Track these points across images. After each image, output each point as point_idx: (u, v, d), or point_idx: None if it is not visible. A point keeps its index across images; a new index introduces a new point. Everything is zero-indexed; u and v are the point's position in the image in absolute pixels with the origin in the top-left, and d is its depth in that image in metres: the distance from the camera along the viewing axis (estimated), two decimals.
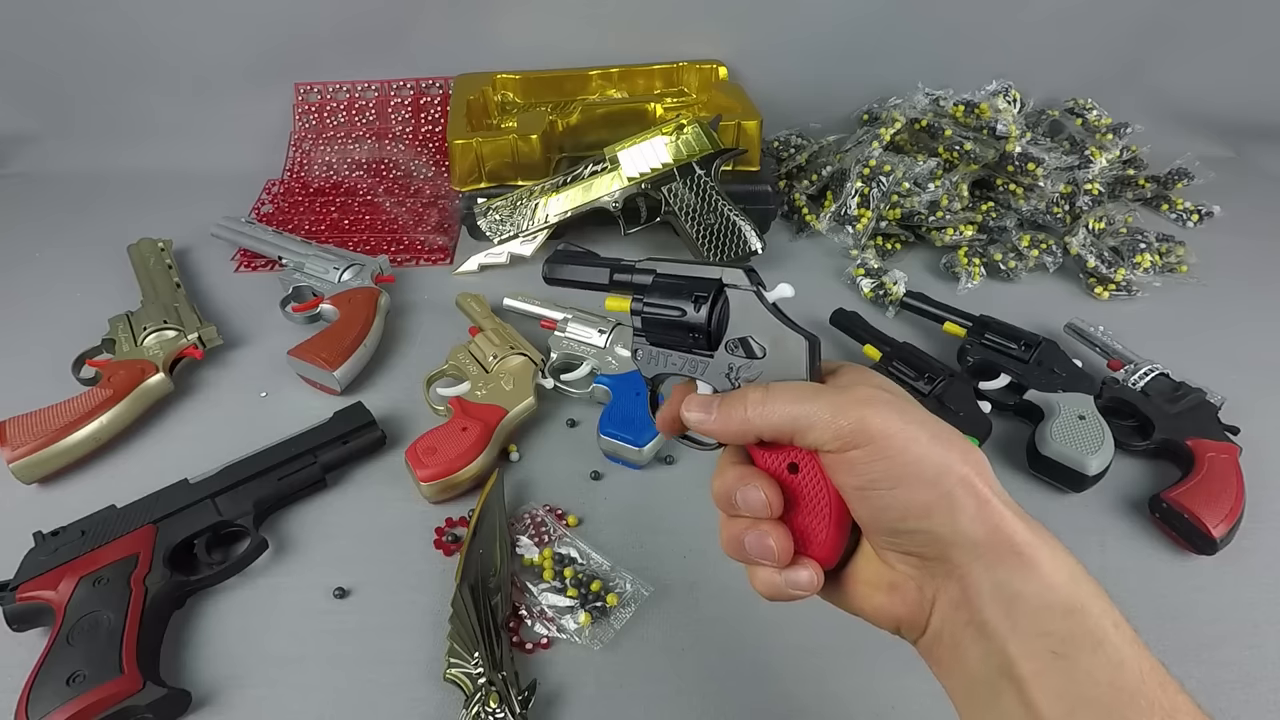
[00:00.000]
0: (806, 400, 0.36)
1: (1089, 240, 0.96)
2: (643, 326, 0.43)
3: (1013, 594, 0.32)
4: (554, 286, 0.47)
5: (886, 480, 0.34)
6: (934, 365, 0.76)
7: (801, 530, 0.38)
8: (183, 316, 0.83)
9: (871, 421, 0.34)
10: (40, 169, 1.21)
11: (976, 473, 0.34)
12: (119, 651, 0.52)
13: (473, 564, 0.60)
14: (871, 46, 1.15)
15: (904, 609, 0.36)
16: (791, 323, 0.39)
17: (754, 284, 0.40)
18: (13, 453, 0.67)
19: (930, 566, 0.34)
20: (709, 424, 0.39)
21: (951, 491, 0.33)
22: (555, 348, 0.80)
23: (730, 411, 0.38)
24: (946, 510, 0.33)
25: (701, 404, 0.40)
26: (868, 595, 0.38)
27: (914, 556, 0.35)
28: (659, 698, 0.54)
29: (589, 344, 0.79)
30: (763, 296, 0.40)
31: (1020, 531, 0.33)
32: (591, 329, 0.80)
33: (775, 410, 0.36)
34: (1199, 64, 1.20)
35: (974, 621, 0.33)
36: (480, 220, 0.96)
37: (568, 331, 0.80)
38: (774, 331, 0.39)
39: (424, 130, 1.18)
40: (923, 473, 0.33)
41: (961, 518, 0.33)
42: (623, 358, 0.77)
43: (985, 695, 0.33)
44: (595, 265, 0.45)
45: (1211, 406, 0.72)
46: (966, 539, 0.33)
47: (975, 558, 0.33)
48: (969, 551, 0.33)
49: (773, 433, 0.37)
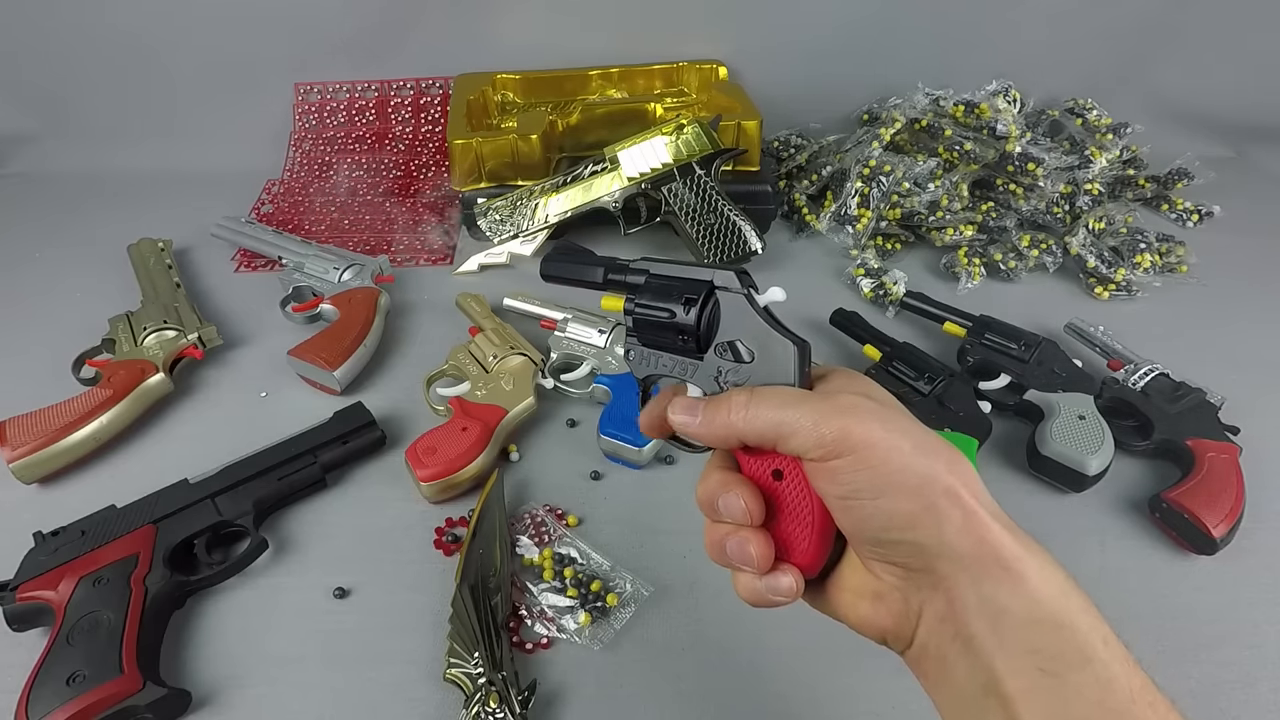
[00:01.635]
0: (790, 406, 0.35)
1: (1089, 240, 0.96)
2: (634, 327, 0.43)
3: (999, 608, 0.31)
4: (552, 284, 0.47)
5: (869, 490, 0.33)
6: (934, 365, 0.76)
7: (784, 537, 0.38)
8: (183, 316, 0.83)
9: (854, 430, 0.33)
10: (40, 169, 1.21)
11: (963, 483, 0.33)
12: (119, 651, 0.52)
13: (473, 564, 0.60)
14: (871, 46, 1.16)
15: (889, 620, 0.35)
16: (782, 327, 0.39)
17: (745, 286, 0.39)
18: (13, 453, 0.67)
19: (916, 578, 0.34)
20: (693, 427, 0.39)
21: (936, 503, 0.32)
22: (555, 348, 0.80)
23: (715, 415, 0.38)
24: (931, 522, 0.32)
25: (687, 406, 0.39)
26: (853, 604, 0.37)
27: (899, 567, 0.34)
28: (659, 698, 0.54)
29: (589, 344, 0.79)
30: (753, 300, 0.39)
31: (1007, 544, 0.32)
32: (591, 329, 0.80)
33: (758, 415, 0.36)
34: (1199, 64, 1.20)
35: (960, 636, 0.32)
36: (480, 220, 0.96)
37: (568, 331, 0.80)
38: (763, 336, 0.38)
39: (424, 130, 1.18)
40: (906, 483, 0.33)
41: (947, 529, 0.32)
42: (622, 357, 0.77)
43: (972, 712, 0.32)
44: (590, 264, 0.45)
45: (1211, 406, 0.72)
46: (952, 551, 0.32)
47: (961, 570, 0.32)
48: (955, 564, 0.32)
49: (756, 438, 0.36)
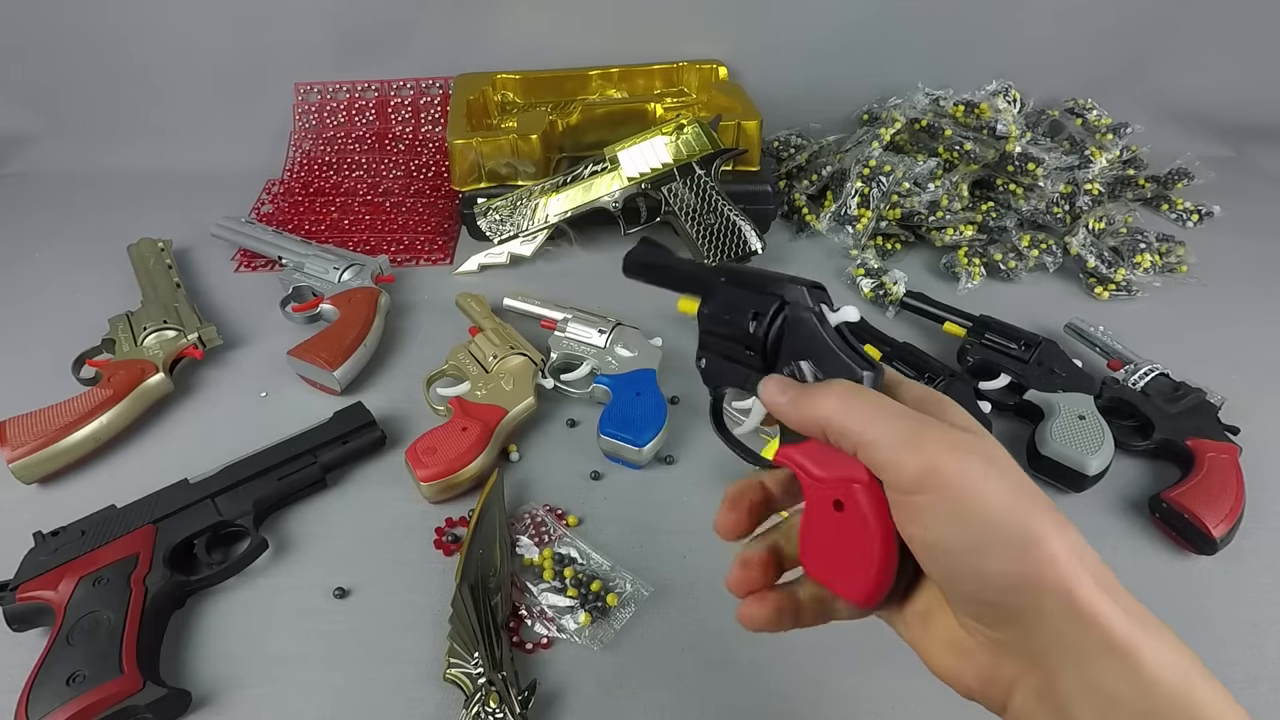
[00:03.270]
0: (887, 416, 0.32)
1: (1089, 240, 0.96)
2: (705, 334, 0.42)
3: (1108, 696, 0.27)
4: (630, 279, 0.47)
5: (959, 539, 0.30)
6: (934, 365, 0.76)
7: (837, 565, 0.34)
8: (183, 316, 0.82)
9: (948, 465, 0.30)
10: (40, 169, 1.21)
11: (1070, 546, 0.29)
12: (119, 651, 0.52)
13: (473, 564, 0.60)
14: (871, 46, 1.15)
15: (977, 682, 0.32)
16: (853, 350, 0.37)
17: (816, 303, 0.38)
18: (13, 453, 0.67)
19: (1009, 646, 0.30)
20: (781, 404, 0.36)
21: (1041, 570, 0.28)
22: (555, 348, 0.80)
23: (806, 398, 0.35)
24: (1032, 590, 0.28)
25: (781, 384, 0.37)
26: (935, 652, 0.33)
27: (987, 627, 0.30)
28: (659, 698, 0.54)
29: (589, 344, 0.79)
30: (824, 318, 0.38)
31: (1118, 623, 0.28)
32: (591, 329, 0.80)
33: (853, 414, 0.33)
34: (1199, 64, 1.20)
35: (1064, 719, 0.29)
36: (480, 220, 0.96)
37: (567, 331, 0.80)
38: (830, 360, 0.37)
39: (424, 130, 1.18)
40: (1005, 538, 0.29)
41: (1048, 600, 0.28)
42: (623, 358, 0.77)
43: None
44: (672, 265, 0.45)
45: (1211, 406, 0.72)
46: (1053, 626, 0.28)
47: (1063, 649, 0.28)
48: (1056, 640, 0.28)
49: (838, 436, 0.33)
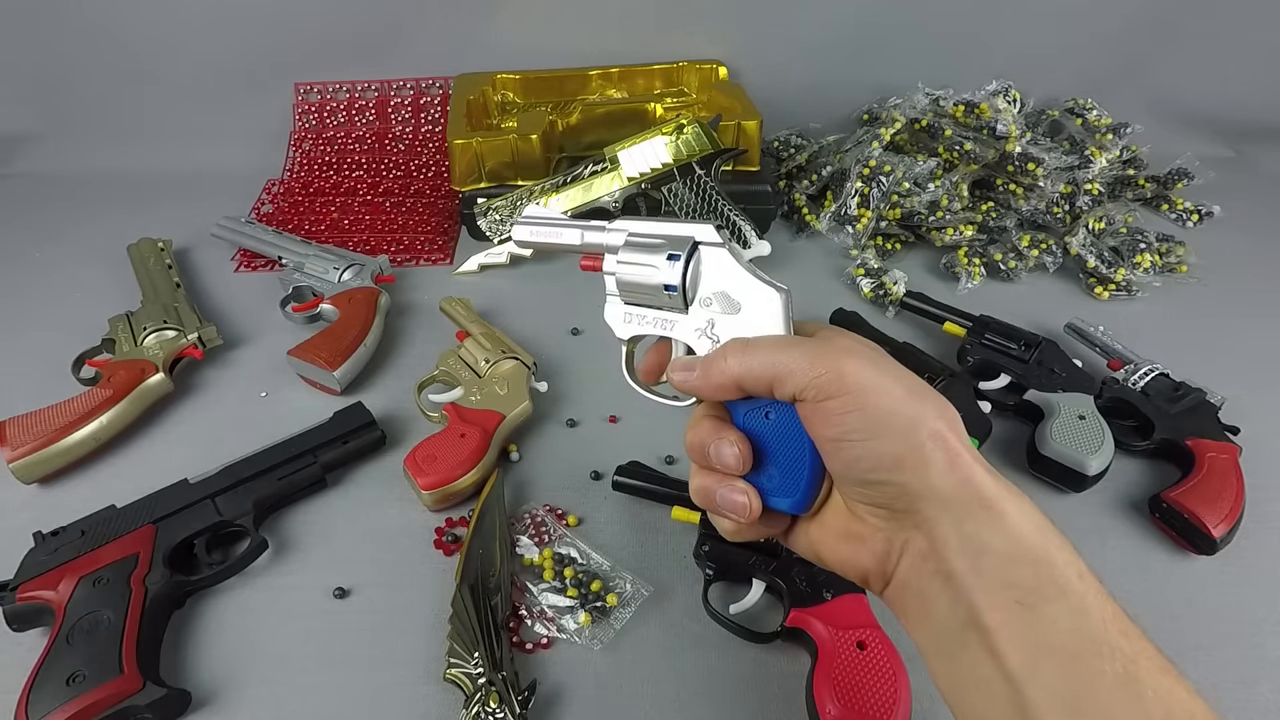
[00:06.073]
0: (785, 349, 0.37)
1: (1089, 240, 0.96)
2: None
3: (980, 546, 0.33)
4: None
5: (860, 431, 0.34)
6: (934, 365, 0.76)
7: None
8: (183, 316, 0.82)
9: (848, 372, 0.35)
10: (41, 168, 1.21)
11: (948, 426, 0.34)
12: (119, 651, 0.52)
13: (473, 564, 0.60)
14: (871, 46, 1.16)
15: (870, 560, 0.37)
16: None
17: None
18: (13, 453, 0.67)
19: (899, 518, 0.35)
20: (694, 380, 0.40)
21: (923, 445, 0.34)
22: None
23: (713, 366, 0.39)
24: (918, 463, 0.34)
25: (685, 364, 0.41)
26: (834, 546, 0.39)
27: (883, 509, 0.36)
28: (659, 698, 0.54)
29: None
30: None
31: (989, 485, 0.34)
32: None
33: (756, 359, 0.37)
34: (1199, 64, 1.20)
35: (941, 572, 0.33)
36: (480, 220, 0.96)
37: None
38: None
39: (424, 130, 1.18)
40: (895, 425, 0.34)
41: (932, 471, 0.33)
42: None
43: (952, 645, 0.33)
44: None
45: (1211, 406, 0.72)
46: (936, 492, 0.33)
47: (944, 510, 0.33)
48: (938, 504, 0.34)
49: (754, 383, 0.38)
